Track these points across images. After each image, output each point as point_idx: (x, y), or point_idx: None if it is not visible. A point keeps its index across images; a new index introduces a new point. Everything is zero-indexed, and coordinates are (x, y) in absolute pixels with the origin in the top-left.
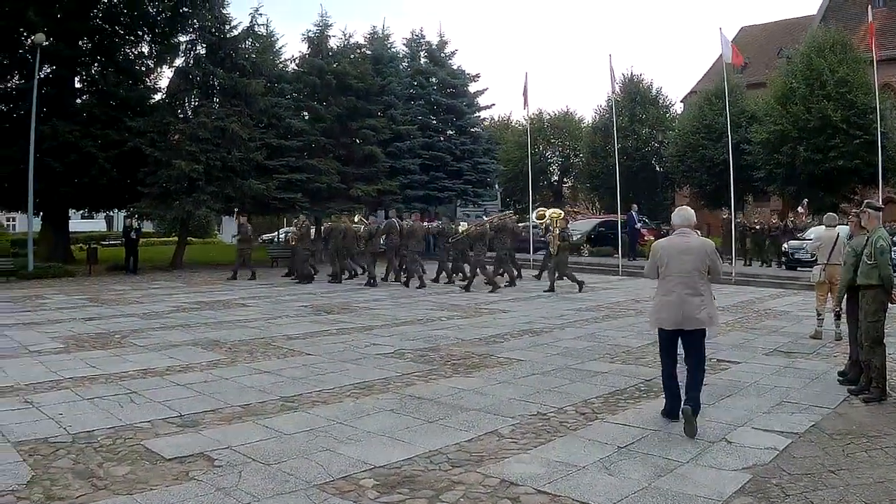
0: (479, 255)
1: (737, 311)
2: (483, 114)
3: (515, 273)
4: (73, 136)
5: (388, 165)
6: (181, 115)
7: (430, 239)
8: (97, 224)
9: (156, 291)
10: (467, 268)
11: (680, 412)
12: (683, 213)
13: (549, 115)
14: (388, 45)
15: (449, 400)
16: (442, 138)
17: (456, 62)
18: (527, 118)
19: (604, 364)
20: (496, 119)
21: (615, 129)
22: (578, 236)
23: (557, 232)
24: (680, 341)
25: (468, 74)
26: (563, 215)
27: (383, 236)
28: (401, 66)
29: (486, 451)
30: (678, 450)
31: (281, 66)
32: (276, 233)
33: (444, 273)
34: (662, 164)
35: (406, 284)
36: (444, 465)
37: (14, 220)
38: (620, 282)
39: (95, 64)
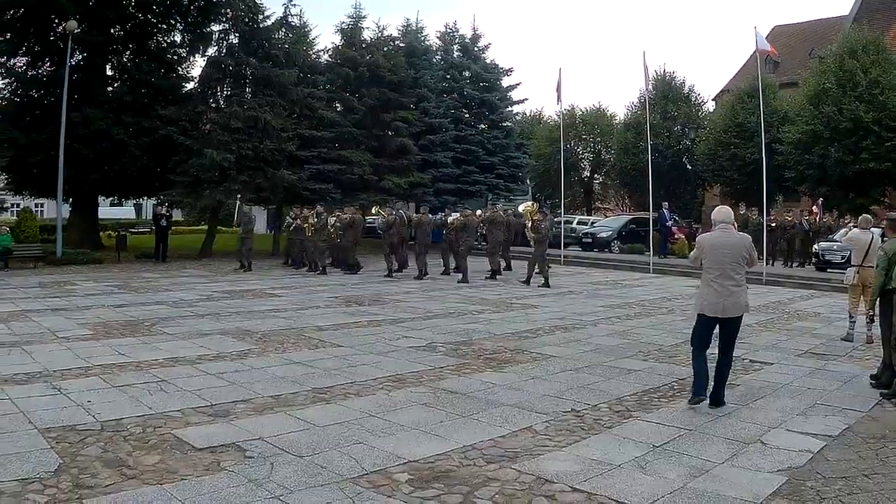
0: (463, 245)
1: (768, 312)
2: (515, 108)
3: (504, 265)
4: (104, 123)
5: (420, 158)
6: (213, 105)
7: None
8: (126, 211)
9: (185, 280)
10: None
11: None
12: (725, 211)
13: (581, 111)
14: (422, 38)
15: (482, 394)
16: (474, 132)
17: (489, 56)
18: (560, 114)
19: (637, 362)
20: (528, 114)
21: (648, 126)
22: (607, 233)
23: (531, 225)
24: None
25: (501, 68)
26: (536, 208)
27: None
28: (434, 60)
29: (521, 448)
30: (713, 450)
31: (314, 56)
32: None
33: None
34: (694, 162)
35: (420, 277)
36: (479, 461)
37: (43, 206)
38: (652, 279)
39: (127, 52)
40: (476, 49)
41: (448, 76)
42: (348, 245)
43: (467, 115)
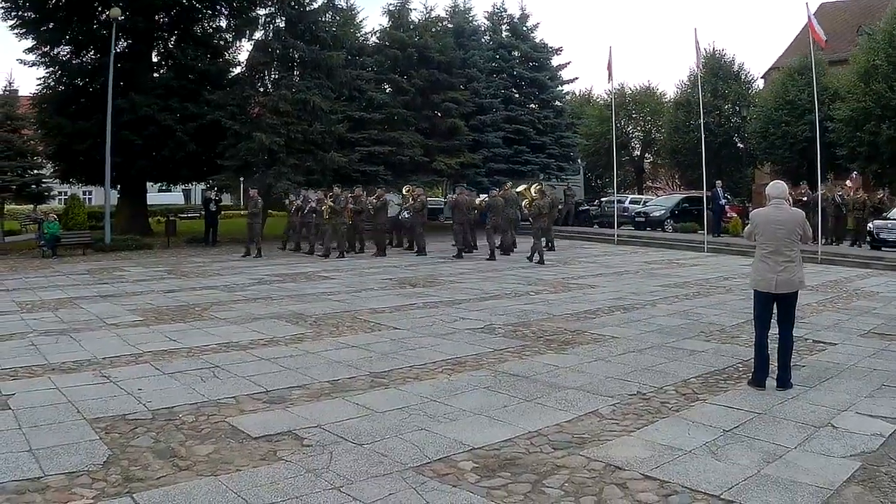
0: (490, 224)
1: (827, 291)
2: (566, 88)
3: (509, 243)
4: (150, 109)
5: (471, 139)
6: (261, 89)
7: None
8: (175, 197)
9: (235, 264)
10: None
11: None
12: (779, 186)
13: (630, 89)
14: (470, 19)
15: (545, 377)
16: (525, 112)
17: (538, 36)
18: (611, 92)
19: (699, 342)
20: (577, 94)
21: (700, 104)
22: (660, 212)
23: (529, 202)
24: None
25: (550, 48)
26: (537, 187)
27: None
28: (482, 40)
29: (588, 433)
30: (785, 435)
31: (362, 39)
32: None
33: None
34: (745, 140)
35: (460, 256)
36: (546, 448)
37: (91, 193)
38: (707, 259)
39: (172, 38)
40: (525, 29)
41: (497, 56)
42: (418, 227)
43: (517, 95)
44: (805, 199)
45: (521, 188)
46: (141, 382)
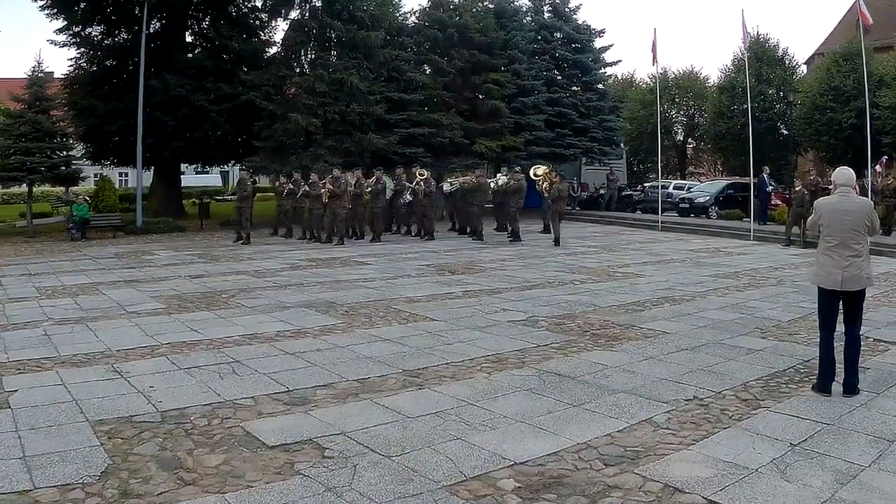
0: (514, 206)
1: (880, 285)
2: (609, 70)
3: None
4: (183, 90)
5: (513, 121)
6: (297, 69)
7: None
8: (212, 179)
9: (269, 248)
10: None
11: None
12: (846, 172)
13: (673, 73)
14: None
15: (593, 378)
16: (567, 94)
17: (580, 17)
18: (655, 74)
19: (755, 340)
20: (619, 77)
21: (748, 87)
22: (705, 198)
23: (546, 185)
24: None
25: (593, 30)
26: (550, 171)
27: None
28: (524, 21)
29: (643, 445)
30: (857, 450)
31: (401, 18)
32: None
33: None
34: (789, 126)
35: (479, 237)
36: (596, 463)
37: (127, 175)
38: (753, 247)
39: (206, 18)
40: (567, 10)
41: (539, 37)
42: (475, 211)
43: (559, 78)
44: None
45: (540, 171)
46: (153, 379)
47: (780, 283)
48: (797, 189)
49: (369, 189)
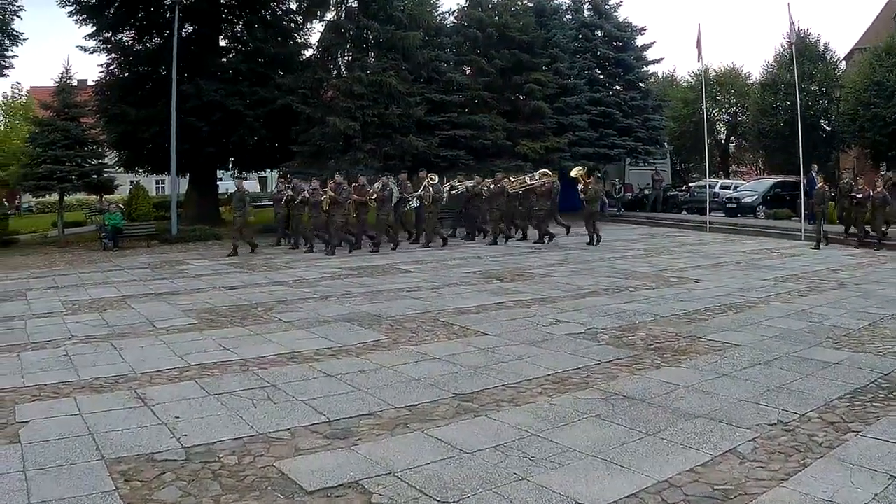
0: (542, 209)
1: None
2: (651, 68)
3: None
4: (217, 94)
5: (555, 122)
6: (334, 71)
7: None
8: (250, 185)
9: (308, 255)
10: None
11: None
12: None
13: (715, 70)
14: None
15: (665, 400)
16: (610, 94)
17: (621, 14)
18: (701, 71)
19: (829, 351)
20: (660, 75)
21: (796, 80)
22: (752, 197)
23: (581, 187)
24: None
25: (635, 27)
26: (586, 172)
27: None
28: (564, 19)
29: (731, 483)
30: None
31: (439, 19)
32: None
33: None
34: (832, 122)
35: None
36: None
37: (163, 182)
38: (805, 247)
39: (240, 21)
40: (607, 7)
41: (580, 36)
42: (543, 214)
43: (601, 77)
44: (860, 195)
45: (574, 172)
46: (180, 407)
47: (842, 286)
48: (818, 186)
49: (374, 196)
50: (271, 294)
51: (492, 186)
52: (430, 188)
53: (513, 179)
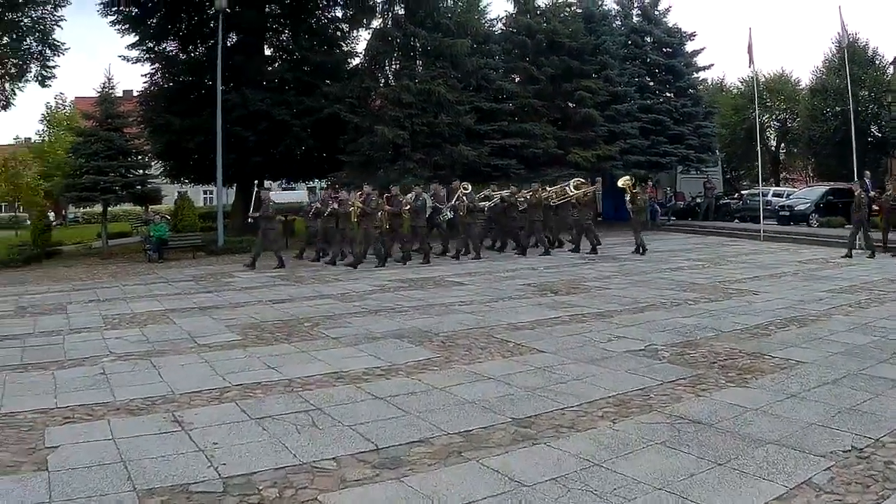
0: (587, 219)
1: None
2: (701, 75)
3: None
4: (263, 104)
5: (606, 130)
6: (381, 80)
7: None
8: (298, 195)
9: (359, 268)
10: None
11: None
12: None
13: (764, 77)
14: (599, 3)
15: (733, 425)
16: (661, 101)
17: (670, 20)
18: (753, 76)
19: None
20: (709, 82)
21: (849, 87)
22: (805, 205)
23: (629, 197)
24: None
25: (684, 33)
26: (633, 181)
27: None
28: (613, 25)
29: None
30: None
31: (487, 26)
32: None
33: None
34: (882, 129)
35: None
36: None
37: (211, 193)
38: (860, 256)
39: (285, 30)
40: (656, 13)
41: (629, 42)
42: (589, 224)
43: (651, 83)
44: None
45: (621, 182)
46: (219, 432)
47: None
48: (857, 193)
49: (408, 207)
50: (318, 308)
51: (528, 196)
52: (464, 198)
53: (549, 189)
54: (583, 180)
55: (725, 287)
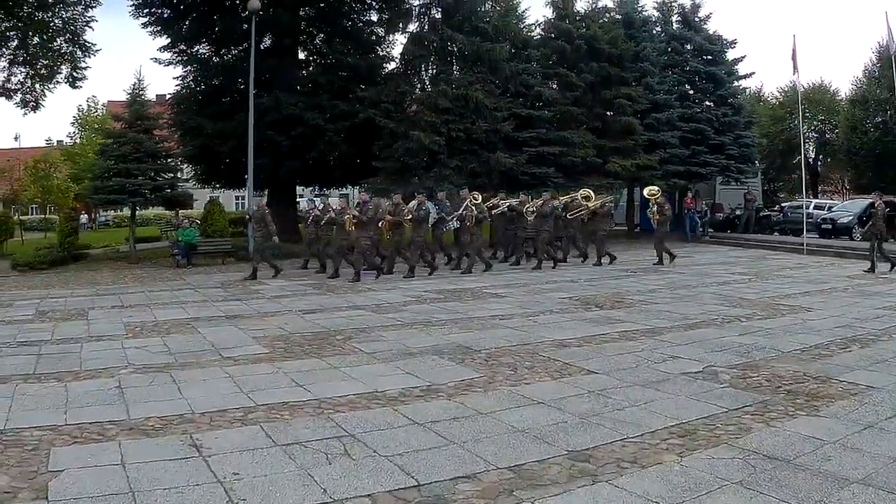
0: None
1: None
2: (742, 83)
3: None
4: (297, 108)
5: (646, 138)
6: (417, 84)
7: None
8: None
9: (391, 277)
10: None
11: None
12: None
13: (802, 87)
14: (639, 9)
15: (811, 460)
16: (701, 110)
17: (711, 27)
18: (790, 86)
19: None
20: (747, 92)
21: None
22: (848, 218)
23: (656, 209)
24: None
25: (725, 40)
26: (659, 192)
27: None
28: (653, 31)
29: None
30: None
31: (525, 31)
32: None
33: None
34: None
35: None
36: None
37: (243, 198)
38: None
39: (320, 34)
40: (697, 19)
41: (669, 49)
42: (603, 236)
43: (692, 92)
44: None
45: (647, 192)
46: (240, 460)
47: None
48: (876, 204)
49: (410, 216)
50: (351, 320)
51: (539, 206)
52: (473, 208)
53: (561, 199)
54: (592, 191)
55: (776, 303)
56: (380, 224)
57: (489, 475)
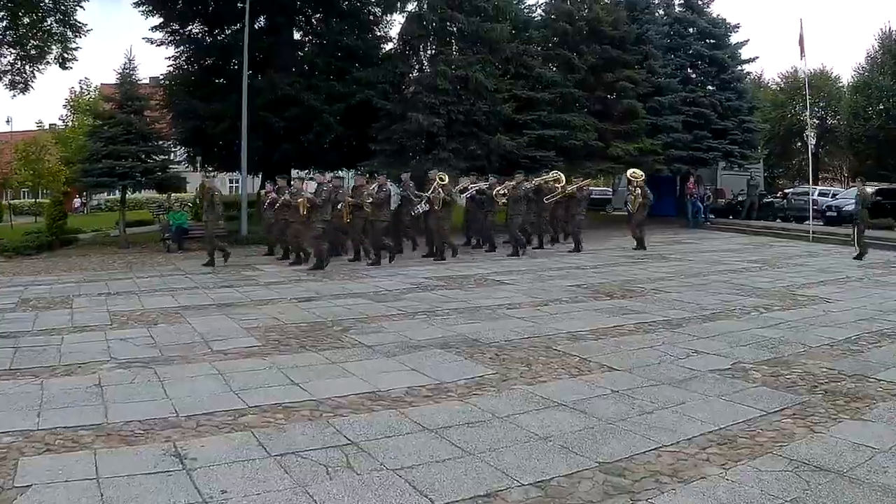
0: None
1: None
2: (746, 68)
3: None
4: (292, 89)
5: (648, 123)
6: (416, 65)
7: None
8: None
9: (387, 262)
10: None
11: None
12: None
13: (803, 73)
14: None
15: (866, 473)
16: (704, 94)
17: (714, 10)
18: (793, 71)
19: None
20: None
21: None
22: (853, 205)
23: (639, 192)
24: None
25: (728, 24)
26: (641, 175)
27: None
28: (656, 14)
29: None
30: None
31: (526, 11)
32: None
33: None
34: None
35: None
36: None
37: (237, 181)
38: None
39: (317, 13)
40: (700, 2)
41: (672, 32)
42: (580, 221)
43: (694, 76)
44: None
45: (629, 173)
46: (228, 473)
47: None
48: (860, 189)
49: (371, 200)
50: (349, 309)
51: (511, 188)
52: (440, 189)
53: (535, 182)
54: (560, 174)
55: (793, 293)
56: (338, 207)
57: (512, 493)
